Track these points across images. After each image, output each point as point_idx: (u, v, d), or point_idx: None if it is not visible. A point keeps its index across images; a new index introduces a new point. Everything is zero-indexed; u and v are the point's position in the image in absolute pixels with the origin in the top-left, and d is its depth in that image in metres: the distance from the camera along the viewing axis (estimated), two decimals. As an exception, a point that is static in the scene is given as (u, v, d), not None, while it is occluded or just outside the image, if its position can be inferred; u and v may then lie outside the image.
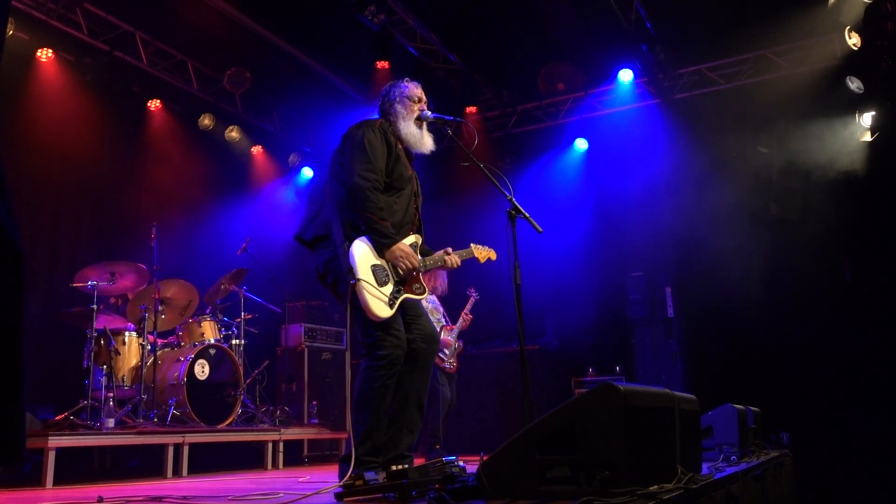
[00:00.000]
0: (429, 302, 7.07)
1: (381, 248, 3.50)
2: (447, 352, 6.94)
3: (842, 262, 7.54)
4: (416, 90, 3.90)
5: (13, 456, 1.35)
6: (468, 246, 4.21)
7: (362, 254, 3.44)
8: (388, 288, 3.47)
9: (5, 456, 1.35)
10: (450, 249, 3.95)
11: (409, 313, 3.64)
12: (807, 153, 7.60)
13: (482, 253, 4.29)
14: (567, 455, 2.30)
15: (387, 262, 3.52)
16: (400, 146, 3.75)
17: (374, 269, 3.45)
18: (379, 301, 3.39)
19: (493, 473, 2.41)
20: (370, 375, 3.43)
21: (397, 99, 3.84)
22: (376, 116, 3.88)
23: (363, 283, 3.35)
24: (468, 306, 7.17)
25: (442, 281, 7.13)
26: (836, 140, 7.50)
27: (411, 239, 3.72)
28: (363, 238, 3.48)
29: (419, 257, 3.67)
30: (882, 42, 7.09)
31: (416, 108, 3.86)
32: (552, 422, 2.37)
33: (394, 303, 3.47)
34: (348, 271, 3.38)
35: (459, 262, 3.94)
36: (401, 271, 3.53)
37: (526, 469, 2.35)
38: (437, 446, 6.68)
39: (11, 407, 1.35)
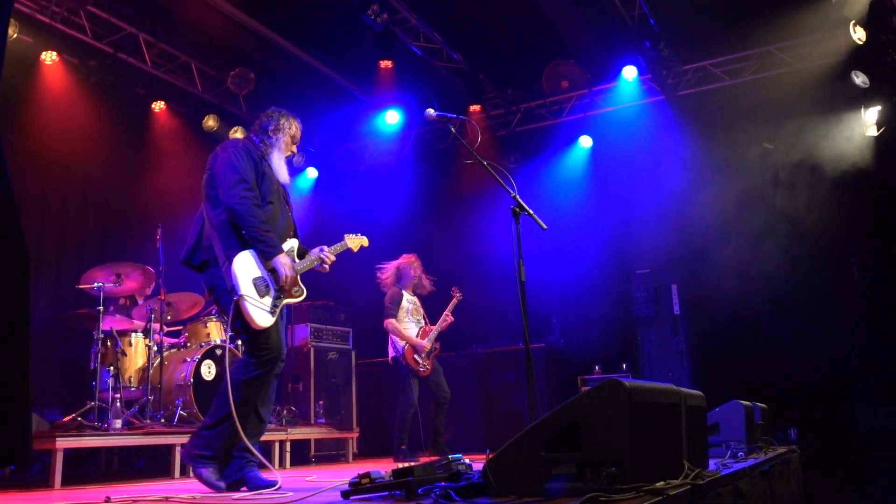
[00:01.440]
0: (409, 302, 7.07)
1: (268, 256, 3.78)
2: (422, 354, 6.91)
3: (848, 258, 7.51)
4: (299, 132, 4.23)
5: (20, 457, 1.35)
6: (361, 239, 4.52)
7: (242, 270, 3.72)
8: (269, 297, 3.78)
9: (12, 457, 1.35)
10: (324, 247, 4.17)
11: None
12: (813, 149, 7.57)
13: (355, 242, 4.54)
14: (573, 452, 2.30)
15: (267, 271, 3.79)
16: (265, 162, 4.02)
17: (255, 282, 3.74)
18: (261, 311, 3.71)
19: (498, 471, 2.41)
20: (244, 369, 3.74)
21: (284, 130, 4.14)
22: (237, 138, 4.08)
23: (246, 298, 3.65)
24: (450, 307, 7.16)
25: (424, 279, 7.14)
26: (842, 135, 7.48)
27: (289, 244, 4.02)
28: (242, 254, 3.74)
29: (295, 261, 3.96)
30: (887, 36, 7.07)
31: (292, 147, 4.21)
32: (557, 419, 2.36)
33: (275, 310, 3.79)
34: (231, 289, 3.68)
35: (334, 258, 4.19)
36: (280, 281, 3.79)
37: (531, 466, 2.35)
38: (403, 447, 6.71)
39: (18, 408, 1.35)
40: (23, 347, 1.36)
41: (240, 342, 5.60)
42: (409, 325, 7.00)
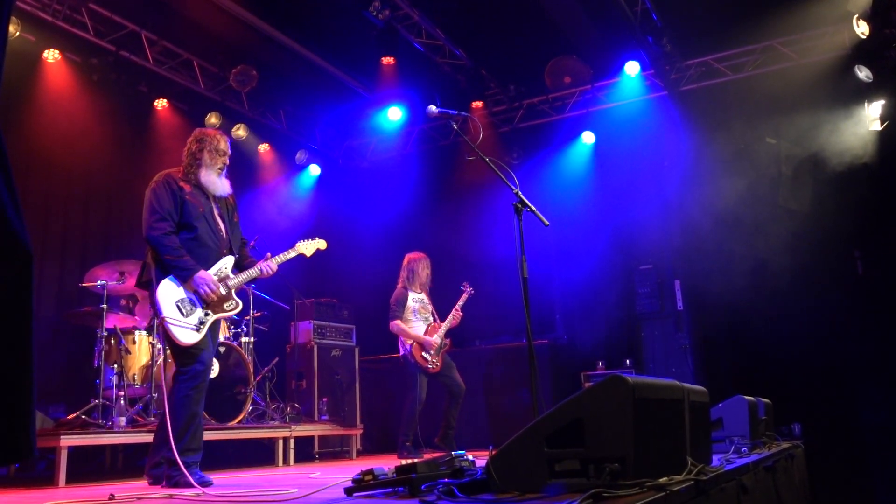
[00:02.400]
0: (415, 301, 7.05)
1: (183, 279, 4.11)
2: (431, 352, 6.88)
3: (852, 252, 7.50)
4: (225, 145, 4.46)
5: (25, 454, 1.36)
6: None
7: (166, 293, 4.05)
8: (195, 316, 4.10)
9: (17, 454, 1.36)
10: (269, 255, 4.45)
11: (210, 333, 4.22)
12: (816, 144, 7.55)
13: (309, 247, 4.71)
14: (576, 448, 2.30)
15: (192, 292, 4.11)
16: (188, 189, 4.28)
17: (179, 303, 4.07)
18: (184, 330, 4.03)
19: (501, 467, 2.41)
20: (178, 387, 4.05)
21: (208, 148, 4.35)
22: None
23: (167, 319, 3.98)
24: (460, 302, 7.10)
25: (426, 276, 7.12)
26: (846, 130, 7.45)
27: (223, 262, 4.29)
28: (165, 280, 4.07)
29: (229, 277, 4.28)
30: (891, 31, 7.04)
31: (220, 160, 4.40)
32: (561, 415, 2.37)
33: (201, 327, 4.10)
34: (155, 312, 4.05)
35: (276, 268, 4.46)
36: (203, 296, 4.11)
37: (535, 462, 2.35)
38: (408, 443, 6.69)
39: (22, 406, 1.35)
40: (27, 345, 1.36)
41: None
42: (415, 323, 6.98)
